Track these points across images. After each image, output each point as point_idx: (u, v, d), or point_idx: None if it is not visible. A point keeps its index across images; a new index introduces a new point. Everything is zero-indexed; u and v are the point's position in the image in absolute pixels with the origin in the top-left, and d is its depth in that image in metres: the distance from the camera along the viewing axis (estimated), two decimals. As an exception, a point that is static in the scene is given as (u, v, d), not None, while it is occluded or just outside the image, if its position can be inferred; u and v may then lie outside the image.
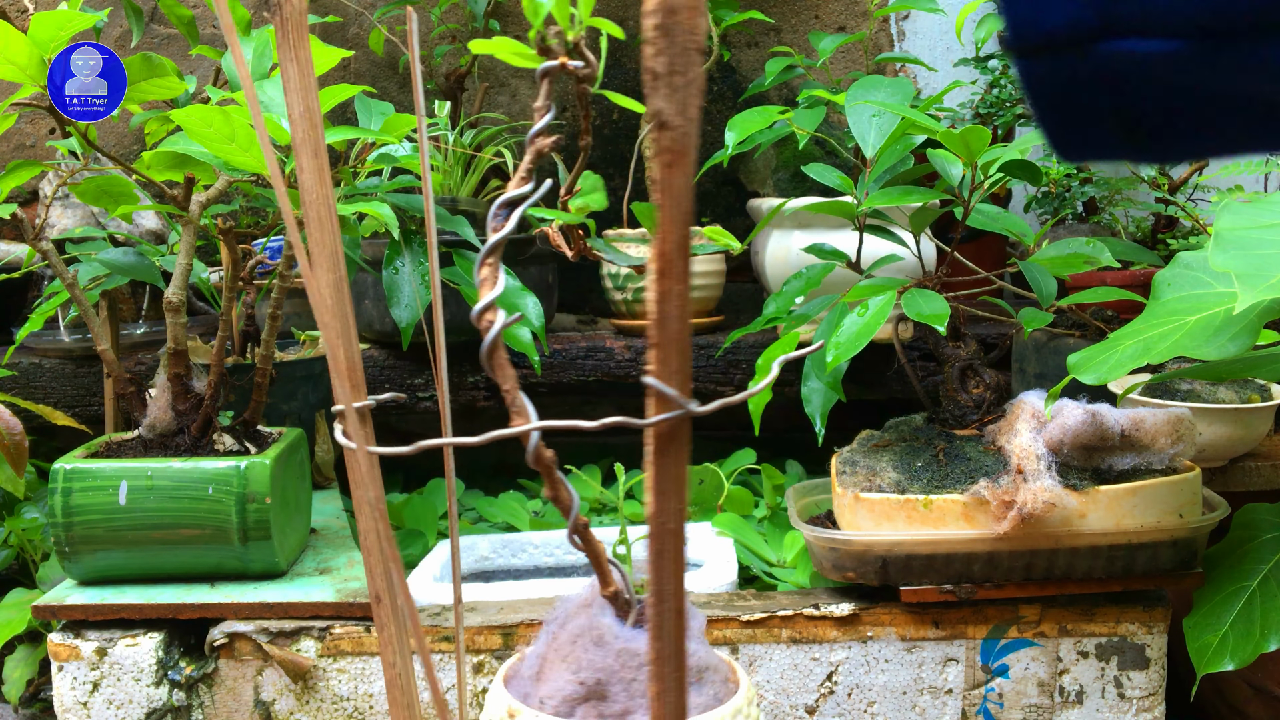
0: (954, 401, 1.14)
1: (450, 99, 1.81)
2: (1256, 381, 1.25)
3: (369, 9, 1.93)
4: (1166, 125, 0.23)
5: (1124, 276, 1.38)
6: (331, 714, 1.05)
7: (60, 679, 1.03)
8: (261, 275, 1.47)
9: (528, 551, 1.40)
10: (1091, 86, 0.22)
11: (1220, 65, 0.20)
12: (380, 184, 1.21)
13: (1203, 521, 1.03)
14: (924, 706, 1.08)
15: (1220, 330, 0.84)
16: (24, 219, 1.09)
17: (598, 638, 0.64)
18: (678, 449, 0.42)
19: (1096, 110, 0.23)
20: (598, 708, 0.63)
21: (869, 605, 1.07)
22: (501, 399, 0.47)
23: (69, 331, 1.58)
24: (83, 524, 1.05)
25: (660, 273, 0.39)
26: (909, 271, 1.43)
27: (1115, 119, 0.23)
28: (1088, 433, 1.00)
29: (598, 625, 0.65)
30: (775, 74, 1.60)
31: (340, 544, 1.22)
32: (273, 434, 1.18)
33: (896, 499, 1.03)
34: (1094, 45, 0.21)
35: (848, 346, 1.06)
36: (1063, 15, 0.21)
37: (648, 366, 0.42)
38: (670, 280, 0.40)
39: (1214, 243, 0.77)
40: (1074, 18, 0.21)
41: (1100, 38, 0.21)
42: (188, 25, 1.36)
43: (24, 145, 1.94)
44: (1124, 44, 0.21)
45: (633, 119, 2.00)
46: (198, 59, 1.84)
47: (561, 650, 0.65)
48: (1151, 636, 1.07)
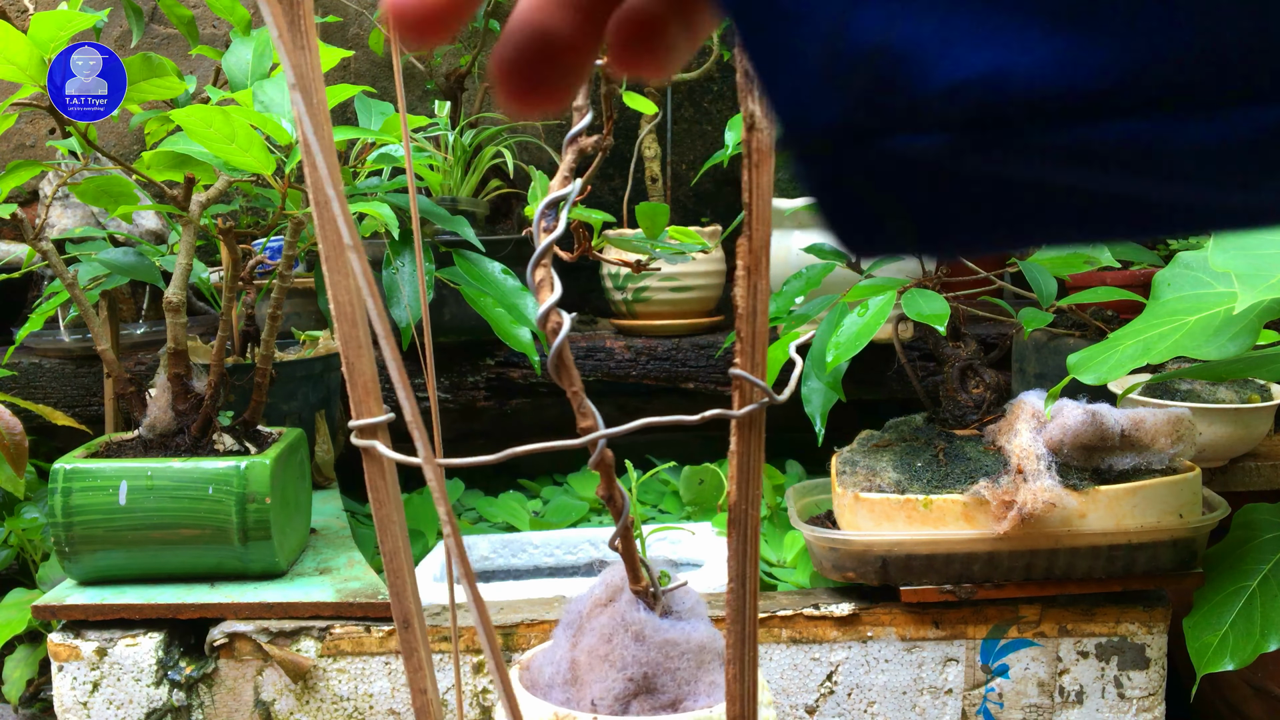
0: (954, 401, 1.14)
1: (450, 99, 1.81)
2: (1256, 381, 1.25)
3: (369, 9, 1.93)
4: (946, 222, 0.22)
5: (1124, 276, 1.38)
6: (331, 714, 1.05)
7: (60, 679, 1.03)
8: (261, 275, 1.47)
9: (528, 551, 1.40)
10: (867, 186, 0.22)
11: (990, 157, 0.20)
12: (380, 184, 1.21)
13: (1203, 521, 1.03)
14: (924, 706, 1.08)
15: (1220, 330, 0.84)
16: (24, 219, 1.09)
17: (637, 634, 0.65)
18: (757, 438, 0.44)
19: (876, 209, 0.22)
20: (649, 701, 0.64)
21: (869, 605, 1.07)
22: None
23: (69, 331, 1.58)
24: (83, 524, 1.05)
25: (749, 269, 0.40)
26: (909, 271, 1.43)
27: (894, 217, 0.22)
28: (1088, 433, 1.00)
29: (634, 620, 0.65)
30: (775, 74, 1.60)
31: (340, 544, 1.22)
32: (273, 434, 1.18)
33: (896, 499, 1.03)
34: (866, 143, 0.21)
35: (848, 346, 1.06)
36: (832, 114, 0.20)
37: (735, 360, 0.43)
38: (758, 276, 0.40)
39: (1214, 243, 0.77)
40: (843, 116, 0.20)
41: (871, 136, 0.20)
42: (188, 25, 1.36)
43: (24, 145, 1.94)
44: (895, 140, 0.20)
45: (633, 120, 2.00)
46: (198, 59, 1.84)
47: (598, 650, 0.65)
48: (1151, 636, 1.07)
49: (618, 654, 0.65)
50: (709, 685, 0.67)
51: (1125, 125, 0.19)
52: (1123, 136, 0.19)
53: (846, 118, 0.20)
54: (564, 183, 0.51)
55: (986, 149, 0.20)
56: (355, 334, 0.46)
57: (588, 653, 0.65)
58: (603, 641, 0.65)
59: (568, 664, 0.67)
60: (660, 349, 1.67)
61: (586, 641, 0.66)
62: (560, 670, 0.67)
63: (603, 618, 0.66)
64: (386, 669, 1.05)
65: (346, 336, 0.46)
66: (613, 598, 0.67)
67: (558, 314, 0.50)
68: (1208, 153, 0.19)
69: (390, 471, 0.48)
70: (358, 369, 0.47)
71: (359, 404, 0.48)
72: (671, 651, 0.66)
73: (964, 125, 0.19)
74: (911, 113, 0.20)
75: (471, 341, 1.62)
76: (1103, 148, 0.19)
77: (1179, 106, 0.18)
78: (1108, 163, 0.19)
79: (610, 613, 0.66)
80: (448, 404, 1.65)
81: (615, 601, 0.67)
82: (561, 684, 0.67)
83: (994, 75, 0.19)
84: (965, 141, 0.20)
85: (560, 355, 0.50)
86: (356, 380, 0.47)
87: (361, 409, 0.48)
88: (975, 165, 0.20)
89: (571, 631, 0.68)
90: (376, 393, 0.48)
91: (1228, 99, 0.18)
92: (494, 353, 1.65)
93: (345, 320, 0.46)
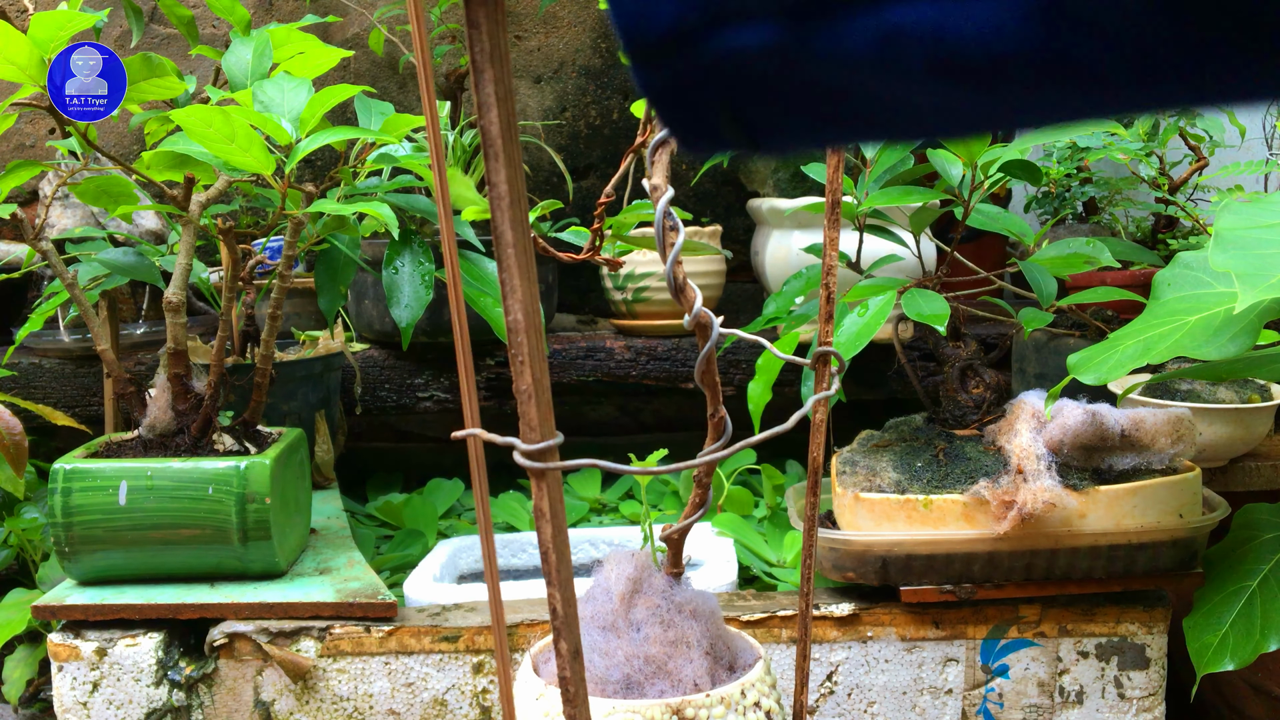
0: (954, 401, 1.13)
1: (450, 99, 1.81)
2: (1256, 381, 1.25)
3: (369, 9, 1.93)
4: (773, 120, 0.24)
5: (1124, 276, 1.38)
6: (331, 714, 1.05)
7: (60, 679, 1.03)
8: (261, 275, 1.47)
9: (528, 551, 1.40)
10: (702, 85, 0.23)
11: (816, 48, 0.21)
12: (380, 184, 1.21)
13: (1203, 521, 1.03)
14: (924, 707, 1.08)
15: (1220, 330, 0.83)
16: (24, 219, 1.09)
17: (694, 611, 0.71)
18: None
19: (709, 108, 0.23)
20: (718, 666, 0.71)
21: (869, 605, 1.07)
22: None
23: (69, 331, 1.58)
24: (82, 524, 1.05)
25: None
26: (909, 271, 1.43)
27: (727, 117, 0.23)
28: (1088, 433, 1.00)
29: (686, 600, 0.71)
30: (775, 74, 1.60)
31: (340, 544, 1.22)
32: (273, 434, 1.18)
33: (896, 499, 1.03)
34: (700, 43, 0.21)
35: (848, 346, 1.06)
36: (669, 15, 0.21)
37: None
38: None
39: (1214, 243, 0.77)
40: (679, 16, 0.21)
41: (705, 34, 0.21)
42: (188, 25, 1.36)
43: (24, 145, 1.94)
44: (726, 36, 0.21)
45: (633, 120, 2.00)
46: (198, 59, 1.84)
47: (666, 638, 0.69)
48: (1151, 636, 1.07)
49: (690, 635, 0.68)
50: (736, 639, 0.73)
51: (924, 6, 0.20)
52: (922, 17, 0.20)
53: (681, 18, 0.21)
54: (665, 183, 0.51)
55: (809, 39, 0.21)
56: (539, 347, 0.42)
57: (657, 643, 0.67)
58: (665, 628, 0.67)
59: (641, 659, 0.67)
60: (660, 349, 1.67)
61: (645, 634, 0.67)
62: (625, 670, 0.67)
63: (641, 609, 0.68)
64: (386, 669, 1.05)
65: (533, 350, 0.42)
66: (637, 589, 0.68)
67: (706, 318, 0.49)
68: (993, 33, 0.20)
69: (560, 495, 0.44)
70: (543, 384, 0.42)
71: (542, 423, 0.42)
72: (717, 618, 0.71)
73: (788, 13, 0.20)
74: (740, 6, 0.21)
75: (471, 341, 1.61)
76: (909, 32, 0.20)
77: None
78: (913, 53, 0.20)
79: (648, 602, 0.68)
80: (448, 404, 1.65)
81: (643, 591, 0.68)
82: (640, 681, 0.67)
83: None
84: (790, 33, 0.21)
85: (708, 360, 0.49)
86: (542, 398, 0.42)
87: (545, 428, 0.43)
88: (799, 60, 0.21)
89: (612, 634, 0.68)
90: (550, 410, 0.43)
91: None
92: (494, 353, 1.65)
93: (518, 331, 0.42)
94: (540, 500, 0.43)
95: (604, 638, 0.68)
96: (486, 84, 0.35)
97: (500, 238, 0.38)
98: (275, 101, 0.99)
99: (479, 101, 0.36)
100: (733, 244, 1.90)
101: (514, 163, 0.37)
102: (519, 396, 0.42)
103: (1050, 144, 1.40)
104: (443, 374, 1.64)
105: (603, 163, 2.02)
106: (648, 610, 0.68)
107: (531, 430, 0.42)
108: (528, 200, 0.41)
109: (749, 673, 0.69)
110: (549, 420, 0.43)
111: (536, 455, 0.42)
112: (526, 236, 0.38)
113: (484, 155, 0.36)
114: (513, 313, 0.40)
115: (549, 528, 0.43)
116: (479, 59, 0.34)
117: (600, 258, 1.04)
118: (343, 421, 1.59)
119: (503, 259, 0.39)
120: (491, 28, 0.34)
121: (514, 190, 0.38)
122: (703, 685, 0.66)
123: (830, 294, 0.68)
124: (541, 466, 0.42)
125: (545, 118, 2.00)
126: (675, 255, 0.48)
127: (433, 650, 1.05)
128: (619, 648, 0.67)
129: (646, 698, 0.65)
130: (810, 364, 0.65)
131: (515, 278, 0.39)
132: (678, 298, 0.49)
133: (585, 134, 2.01)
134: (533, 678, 0.68)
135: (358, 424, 1.70)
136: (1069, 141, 1.38)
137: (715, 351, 0.50)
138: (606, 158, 2.01)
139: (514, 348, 0.41)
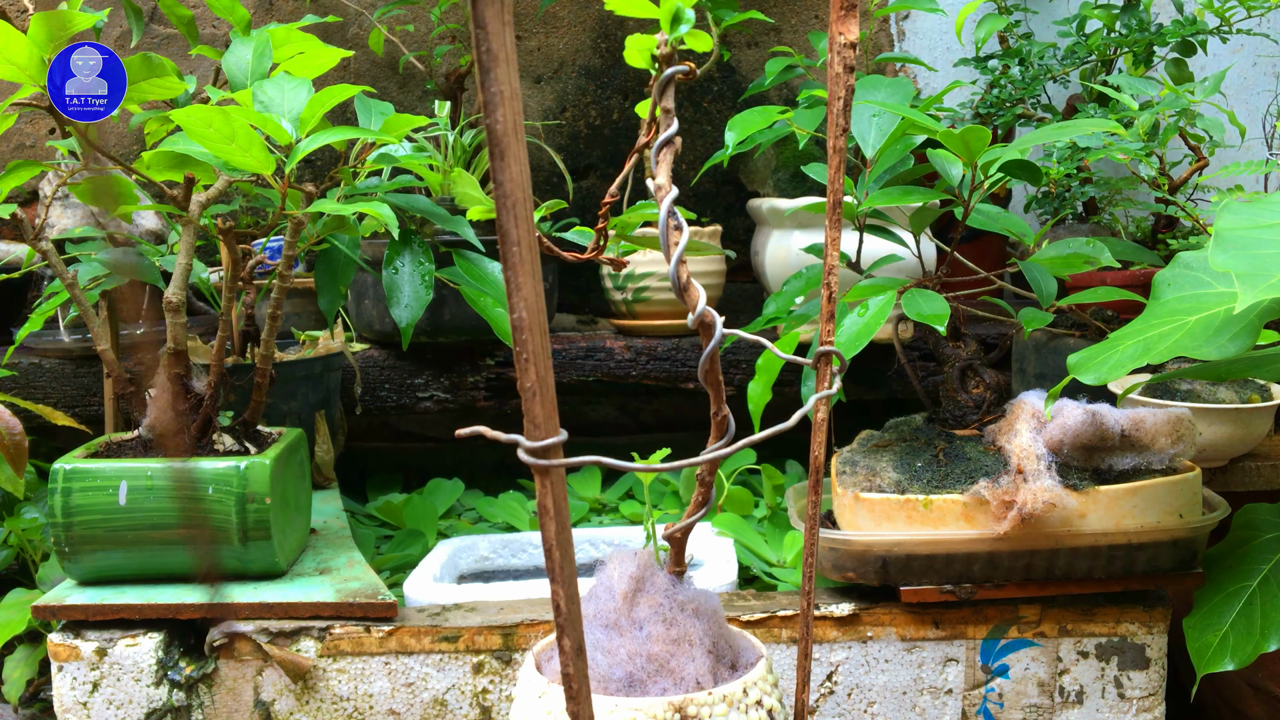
0: (954, 401, 1.14)
1: (450, 99, 1.81)
2: (1256, 381, 1.25)
3: (369, 9, 1.93)
4: None
5: (1124, 276, 1.39)
6: (331, 714, 1.05)
7: (60, 679, 1.03)
8: (261, 275, 1.47)
9: (528, 551, 1.40)
10: None
11: None
12: (380, 184, 1.21)
13: (1203, 521, 1.03)
14: (924, 707, 1.08)
15: (1220, 330, 0.84)
16: (24, 219, 1.09)
17: (696, 610, 0.71)
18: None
19: None
20: (720, 665, 0.71)
21: (869, 605, 1.07)
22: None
23: (69, 331, 1.57)
24: (83, 524, 1.05)
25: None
26: (909, 271, 1.43)
27: None
28: (1088, 433, 1.01)
29: (689, 598, 0.71)
30: (775, 74, 1.61)
31: (340, 544, 1.22)
32: (273, 434, 1.18)
33: (896, 499, 1.03)
34: None
35: (848, 346, 1.06)
36: None
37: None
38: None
39: (1214, 243, 0.77)
40: None
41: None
42: (188, 25, 1.36)
43: (24, 145, 1.94)
44: None
45: (633, 120, 2.00)
46: (198, 59, 1.84)
47: (669, 636, 0.69)
48: (1151, 636, 1.07)
49: (692, 634, 0.68)
50: (738, 638, 0.73)
51: None
52: None
53: None
54: (669, 182, 0.51)
55: None
56: (544, 345, 0.42)
57: (660, 641, 0.67)
58: (668, 626, 0.67)
59: (644, 657, 0.67)
60: (660, 349, 1.67)
61: (648, 632, 0.67)
62: (628, 668, 0.67)
63: (643, 608, 0.68)
64: (386, 669, 1.05)
65: (537, 348, 0.41)
66: (640, 587, 0.68)
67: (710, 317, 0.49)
68: None
69: (564, 493, 0.44)
70: (547, 382, 0.41)
71: (546, 420, 0.42)
72: (719, 616, 0.71)
73: None
74: None
75: (471, 341, 1.62)
76: None
77: None
78: None
79: (651, 600, 0.68)
80: (448, 404, 1.65)
81: (646, 590, 0.68)
82: (642, 680, 0.67)
83: None
84: None
85: (712, 359, 0.48)
86: (546, 395, 0.42)
87: (549, 425, 0.42)
88: None
89: (615, 632, 0.68)
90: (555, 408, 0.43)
91: None
92: (494, 353, 1.65)
93: (524, 330, 0.41)
94: (544, 497, 0.43)
95: (607, 636, 0.67)
96: (493, 83, 0.35)
97: (506, 236, 0.38)
98: (275, 101, 0.99)
99: (485, 101, 0.36)
100: (733, 244, 1.90)
101: (520, 161, 0.37)
102: (523, 394, 0.42)
103: (1050, 144, 1.40)
104: (443, 374, 1.64)
105: (603, 163, 2.02)
106: (650, 609, 0.68)
107: (536, 427, 0.41)
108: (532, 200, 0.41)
109: (751, 671, 0.69)
110: (553, 417, 0.42)
111: (541, 452, 0.42)
112: (532, 235, 0.38)
113: (490, 154, 0.36)
114: (518, 310, 0.40)
115: (553, 525, 0.43)
116: (485, 59, 0.34)
117: (604, 258, 1.04)
118: (343, 421, 1.59)
119: (509, 257, 0.39)
120: (498, 28, 0.34)
121: (520, 189, 0.38)
122: (705, 684, 0.66)
123: (832, 293, 0.68)
124: (546, 464, 0.42)
125: (545, 118, 2.00)
126: (679, 254, 0.48)
127: (433, 650, 1.05)
128: (622, 646, 0.67)
129: (649, 696, 0.65)
130: (812, 363, 0.65)
131: (521, 276, 0.39)
132: (682, 297, 0.49)
133: (585, 134, 2.01)
134: (536, 675, 0.68)
135: (358, 424, 1.70)
136: (1069, 141, 1.38)
137: (719, 351, 0.50)
138: (606, 158, 2.01)
139: (519, 345, 0.41)
